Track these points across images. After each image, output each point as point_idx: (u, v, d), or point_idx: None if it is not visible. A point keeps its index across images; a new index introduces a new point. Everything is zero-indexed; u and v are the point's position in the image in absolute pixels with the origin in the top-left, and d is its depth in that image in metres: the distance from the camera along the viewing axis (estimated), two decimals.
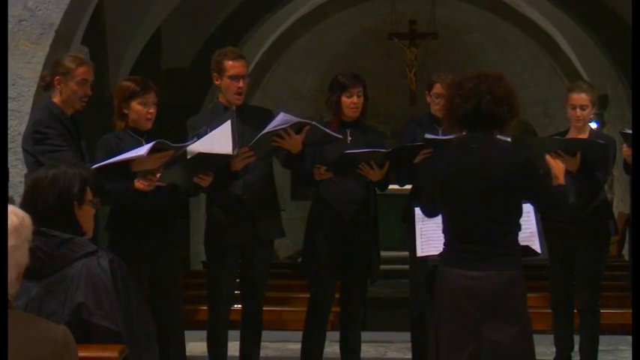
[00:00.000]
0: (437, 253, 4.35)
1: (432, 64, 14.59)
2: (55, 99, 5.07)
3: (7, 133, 6.12)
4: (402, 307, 7.25)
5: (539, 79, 17.12)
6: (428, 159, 5.35)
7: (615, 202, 12.91)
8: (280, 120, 5.21)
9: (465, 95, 4.01)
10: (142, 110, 5.20)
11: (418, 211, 4.89)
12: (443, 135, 5.49)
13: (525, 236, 4.28)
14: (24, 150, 5.09)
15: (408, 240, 5.59)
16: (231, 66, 5.44)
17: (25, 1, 6.37)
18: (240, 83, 5.45)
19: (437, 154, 5.06)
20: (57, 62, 5.16)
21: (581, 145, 5.69)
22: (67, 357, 2.46)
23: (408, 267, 5.92)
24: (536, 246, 4.49)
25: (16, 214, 2.49)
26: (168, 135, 5.27)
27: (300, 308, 6.40)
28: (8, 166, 5.98)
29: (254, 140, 5.21)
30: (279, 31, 15.11)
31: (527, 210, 4.30)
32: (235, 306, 5.77)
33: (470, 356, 3.94)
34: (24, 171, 5.56)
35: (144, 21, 10.50)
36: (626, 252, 12.40)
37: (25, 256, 2.50)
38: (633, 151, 5.44)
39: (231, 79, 5.43)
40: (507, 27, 16.45)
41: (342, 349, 5.86)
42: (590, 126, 6.25)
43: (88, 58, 5.72)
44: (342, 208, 5.67)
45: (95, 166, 4.77)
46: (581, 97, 5.87)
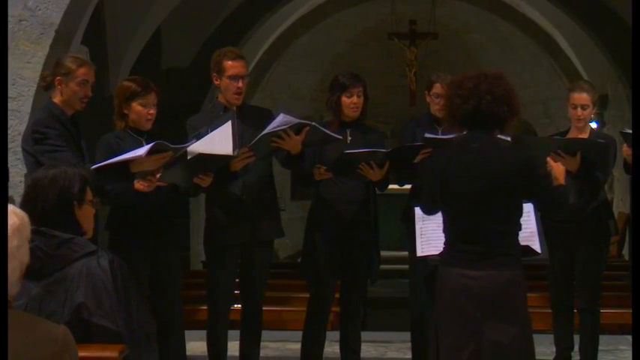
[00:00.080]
0: (437, 253, 4.35)
1: (432, 64, 14.58)
2: (55, 99, 5.06)
3: (7, 132, 6.12)
4: (402, 307, 7.25)
5: (539, 79, 17.12)
6: (427, 158, 5.35)
7: (615, 201, 12.91)
8: (280, 121, 5.21)
9: (465, 95, 4.01)
10: (142, 111, 5.20)
11: (418, 210, 4.89)
12: (442, 135, 5.49)
13: (525, 236, 4.28)
14: (23, 150, 5.09)
15: (407, 240, 5.58)
16: (230, 66, 5.43)
17: (25, 1, 6.37)
18: (240, 83, 5.45)
19: (437, 154, 5.05)
20: (58, 62, 5.16)
21: (581, 144, 5.68)
22: (67, 357, 2.46)
23: (407, 267, 5.92)
24: (536, 246, 4.49)
25: (15, 213, 2.49)
26: (168, 135, 5.27)
27: (300, 308, 6.40)
28: (8, 166, 5.98)
29: (254, 141, 5.20)
30: (279, 31, 15.11)
31: (527, 210, 4.30)
32: (235, 306, 5.77)
33: (470, 356, 3.94)
34: (24, 171, 5.56)
35: (144, 21, 10.50)
36: (626, 252, 12.40)
37: (26, 255, 2.51)
38: (633, 151, 5.44)
39: (230, 79, 5.43)
40: (507, 27, 16.45)
41: (342, 348, 5.85)
42: (591, 126, 6.25)
43: (88, 58, 5.72)
44: (341, 208, 5.66)
45: (94, 166, 4.77)
46: (582, 97, 5.86)
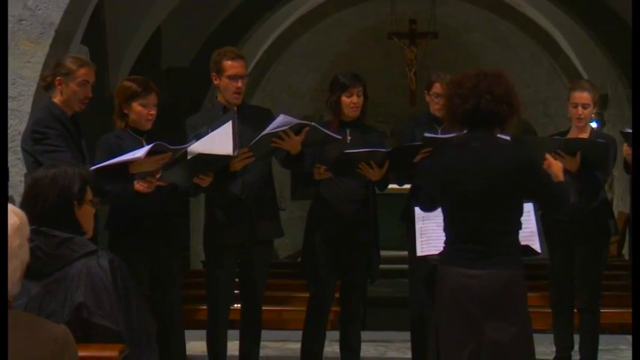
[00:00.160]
0: (437, 252, 4.35)
1: (432, 64, 14.57)
2: (55, 99, 5.06)
3: (7, 132, 6.12)
4: (402, 306, 7.25)
5: (539, 79, 17.12)
6: (427, 158, 5.35)
7: (615, 201, 12.91)
8: (280, 122, 5.21)
9: (465, 95, 4.00)
10: (142, 111, 5.19)
11: (418, 210, 4.89)
12: (442, 134, 5.49)
13: (525, 235, 4.27)
14: (23, 150, 5.08)
15: (407, 240, 5.58)
16: (230, 66, 5.43)
17: (25, 1, 6.37)
18: (239, 83, 5.44)
19: (437, 153, 5.05)
20: (58, 62, 5.16)
21: (581, 144, 5.68)
22: (67, 356, 2.45)
23: (407, 266, 5.92)
24: (536, 245, 4.48)
25: (15, 212, 2.48)
26: (168, 135, 5.26)
27: (300, 308, 6.40)
28: (8, 166, 5.98)
29: (253, 141, 5.20)
30: (279, 31, 15.12)
31: (527, 209, 4.30)
32: (235, 305, 5.77)
33: (470, 355, 3.93)
34: (24, 170, 5.55)
35: (144, 21, 10.51)
36: (626, 251, 12.41)
37: (27, 254, 2.51)
38: (633, 151, 5.44)
39: (230, 79, 5.42)
40: (507, 26, 16.45)
41: (342, 348, 5.85)
42: (591, 125, 6.25)
43: (88, 58, 5.72)
44: (341, 208, 5.66)
45: (94, 167, 4.76)
46: (583, 96, 5.86)
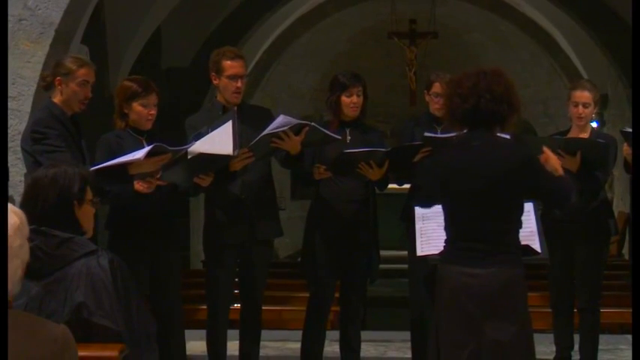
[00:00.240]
0: (437, 252, 4.34)
1: (432, 64, 14.57)
2: (55, 99, 5.05)
3: (7, 132, 6.12)
4: (402, 306, 7.25)
5: (539, 79, 17.12)
6: (427, 157, 5.35)
7: (615, 201, 12.90)
8: (280, 122, 5.20)
9: (464, 94, 3.99)
10: (142, 111, 5.19)
11: (418, 210, 4.89)
12: (441, 133, 5.49)
13: (525, 235, 4.27)
14: (23, 149, 5.08)
15: (407, 239, 5.58)
16: (229, 66, 5.42)
17: (24, 1, 6.37)
18: (239, 83, 5.43)
19: (437, 153, 5.05)
20: (58, 62, 5.15)
21: (581, 144, 5.68)
22: (67, 356, 2.45)
23: (407, 266, 5.92)
24: (536, 245, 4.48)
25: (15, 212, 2.48)
26: (168, 134, 5.26)
27: (300, 307, 6.39)
28: (8, 166, 5.98)
29: (253, 142, 5.19)
30: (279, 31, 15.12)
31: (527, 209, 4.29)
32: (235, 305, 5.77)
33: (470, 355, 3.93)
34: (24, 170, 5.56)
35: (144, 20, 10.51)
36: (626, 251, 12.41)
37: (27, 253, 2.51)
38: (633, 151, 5.44)
39: (229, 79, 5.42)
40: (507, 26, 16.45)
41: (342, 348, 5.85)
42: (592, 125, 6.25)
43: (88, 58, 5.72)
44: (341, 208, 5.66)
45: (93, 168, 4.76)
46: (584, 95, 5.87)
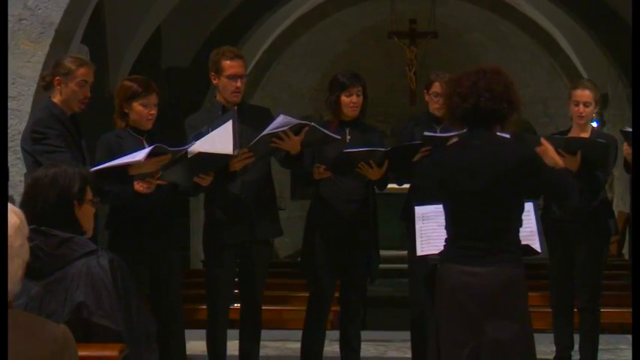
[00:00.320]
0: (437, 252, 4.34)
1: (432, 64, 14.57)
2: (55, 99, 5.05)
3: (7, 132, 6.12)
4: (402, 306, 7.25)
5: (539, 79, 17.11)
6: (427, 157, 5.35)
7: (615, 201, 12.90)
8: (280, 122, 5.20)
9: (464, 93, 3.99)
10: (143, 111, 5.19)
11: (418, 210, 4.89)
12: (441, 133, 5.49)
13: (525, 235, 4.26)
14: (23, 149, 5.08)
15: (407, 239, 5.58)
16: (229, 65, 5.42)
17: (25, 0, 6.37)
18: (238, 83, 5.43)
19: (437, 152, 5.04)
20: (57, 62, 5.15)
21: (581, 144, 5.68)
22: (67, 356, 2.45)
23: (407, 266, 5.92)
24: (536, 245, 4.48)
25: (14, 212, 2.48)
26: (168, 134, 5.26)
27: (300, 307, 6.40)
28: (8, 165, 5.98)
29: (253, 142, 5.19)
30: (279, 31, 15.11)
31: (527, 209, 4.28)
32: (235, 305, 5.77)
33: (470, 354, 3.92)
34: (24, 170, 5.56)
35: (144, 20, 10.51)
36: (626, 251, 12.41)
37: (27, 252, 2.51)
38: (633, 151, 5.44)
39: (228, 79, 5.41)
40: (507, 26, 16.44)
41: (342, 348, 5.85)
42: (592, 125, 6.25)
43: (88, 58, 5.72)
44: (341, 208, 5.66)
45: (93, 169, 4.76)
46: (584, 94, 5.87)
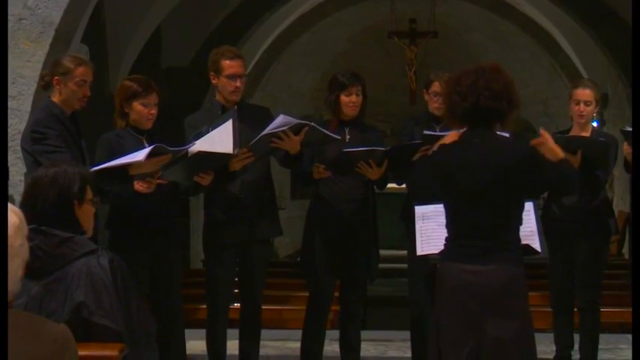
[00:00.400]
0: (437, 251, 4.34)
1: (432, 63, 14.57)
2: (54, 98, 5.05)
3: (7, 131, 6.12)
4: (402, 305, 7.24)
5: (539, 78, 17.11)
6: (427, 155, 5.34)
7: (615, 200, 12.90)
8: (279, 122, 5.20)
9: (463, 92, 3.98)
10: (143, 111, 5.19)
11: (417, 209, 4.88)
12: (441, 132, 5.48)
13: (525, 235, 4.26)
14: (23, 149, 5.08)
15: (407, 239, 5.58)
16: (228, 65, 5.42)
17: (25, 0, 6.37)
18: (238, 83, 5.43)
19: (438, 150, 5.04)
20: (56, 62, 5.15)
21: (581, 143, 5.69)
22: (67, 356, 2.45)
23: (407, 265, 5.92)
24: (536, 245, 4.48)
25: (14, 212, 2.48)
26: (168, 134, 5.26)
27: (300, 307, 6.40)
28: (8, 165, 5.98)
29: (253, 141, 5.19)
30: (279, 30, 15.12)
31: (527, 209, 4.28)
32: (235, 304, 5.77)
33: (470, 352, 3.92)
34: (24, 170, 5.56)
35: (144, 20, 10.51)
36: (626, 250, 12.41)
37: (27, 252, 2.51)
38: (633, 150, 5.44)
39: (228, 79, 5.41)
40: (507, 26, 16.45)
41: (341, 347, 5.85)
42: (592, 125, 6.25)
43: (88, 58, 5.72)
44: (340, 207, 5.66)
45: (93, 169, 4.76)
46: (585, 93, 5.88)
